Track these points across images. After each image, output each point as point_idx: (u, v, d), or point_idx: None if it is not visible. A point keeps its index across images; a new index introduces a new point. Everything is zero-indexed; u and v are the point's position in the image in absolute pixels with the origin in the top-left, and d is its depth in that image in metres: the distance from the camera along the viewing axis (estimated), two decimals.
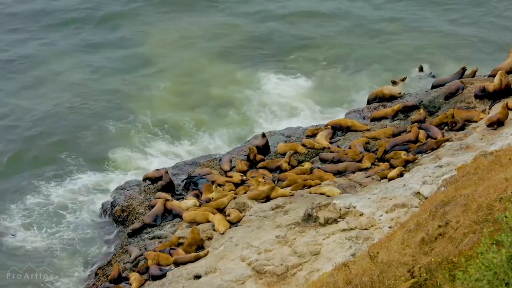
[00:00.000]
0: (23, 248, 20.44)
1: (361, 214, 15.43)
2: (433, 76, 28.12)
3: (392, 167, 19.23)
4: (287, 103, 27.95)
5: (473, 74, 23.85)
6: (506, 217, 7.87)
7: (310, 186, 18.74)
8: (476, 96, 21.31)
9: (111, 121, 27.01)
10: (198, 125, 26.73)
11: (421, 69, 29.20)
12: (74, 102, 28.39)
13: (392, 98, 24.14)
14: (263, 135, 22.15)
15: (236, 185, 19.93)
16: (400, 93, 24.32)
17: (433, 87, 24.19)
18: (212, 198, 19.08)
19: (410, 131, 20.76)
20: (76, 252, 20.23)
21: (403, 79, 28.25)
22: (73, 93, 29.02)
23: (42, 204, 22.33)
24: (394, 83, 27.56)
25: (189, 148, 25.43)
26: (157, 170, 21.74)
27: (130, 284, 16.50)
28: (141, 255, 17.61)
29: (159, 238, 18.39)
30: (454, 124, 20.55)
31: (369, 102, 24.66)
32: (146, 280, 16.43)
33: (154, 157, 24.90)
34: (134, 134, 26.20)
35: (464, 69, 23.96)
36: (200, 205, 19.09)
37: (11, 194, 22.98)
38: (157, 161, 24.38)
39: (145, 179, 21.45)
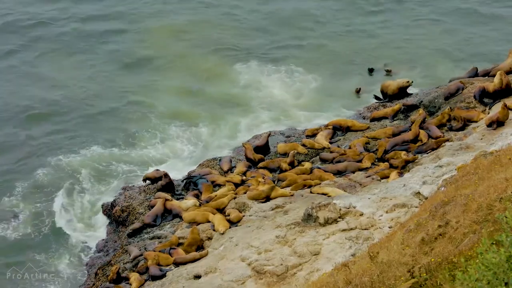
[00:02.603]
0: (23, 244, 20.52)
1: (361, 214, 15.43)
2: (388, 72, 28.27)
3: (392, 167, 19.25)
4: (286, 103, 27.90)
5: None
6: (506, 217, 7.88)
7: (310, 186, 18.75)
8: (476, 98, 21.29)
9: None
10: (197, 123, 26.72)
11: (371, 71, 29.07)
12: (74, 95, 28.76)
13: (402, 90, 24.09)
14: (269, 135, 22.15)
15: (236, 185, 19.94)
16: (408, 81, 24.29)
17: None
18: (215, 195, 19.18)
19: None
20: (76, 252, 20.24)
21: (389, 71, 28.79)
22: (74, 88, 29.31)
23: (40, 197, 22.56)
24: (388, 71, 28.53)
25: (187, 147, 25.47)
26: (157, 170, 21.75)
27: (130, 284, 16.50)
28: (141, 255, 17.61)
29: (159, 238, 18.39)
30: (454, 120, 20.55)
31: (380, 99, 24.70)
32: (146, 280, 16.43)
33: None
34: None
35: (476, 69, 23.85)
36: (200, 205, 19.10)
37: (18, 179, 23.23)
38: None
39: (145, 179, 21.46)
